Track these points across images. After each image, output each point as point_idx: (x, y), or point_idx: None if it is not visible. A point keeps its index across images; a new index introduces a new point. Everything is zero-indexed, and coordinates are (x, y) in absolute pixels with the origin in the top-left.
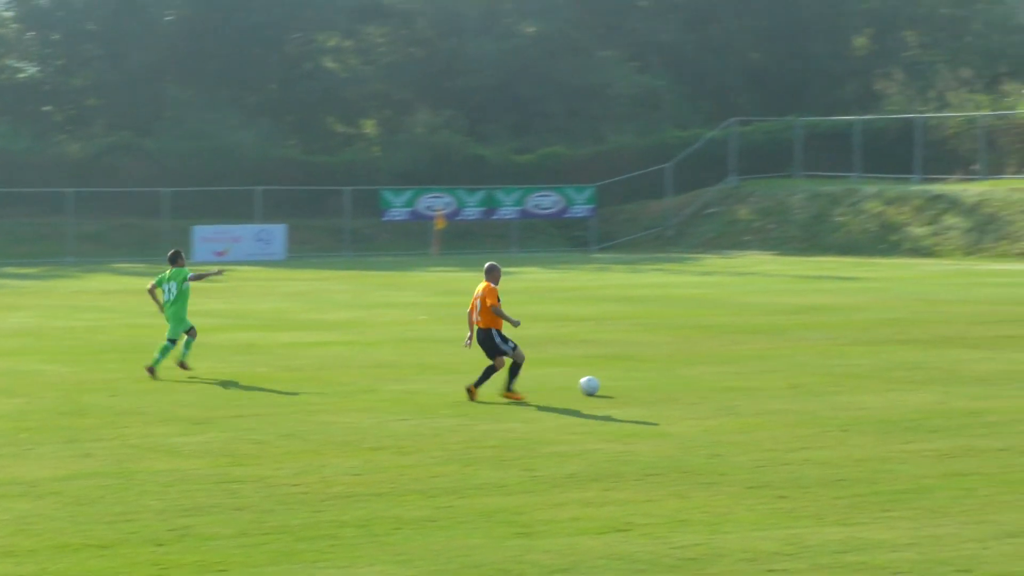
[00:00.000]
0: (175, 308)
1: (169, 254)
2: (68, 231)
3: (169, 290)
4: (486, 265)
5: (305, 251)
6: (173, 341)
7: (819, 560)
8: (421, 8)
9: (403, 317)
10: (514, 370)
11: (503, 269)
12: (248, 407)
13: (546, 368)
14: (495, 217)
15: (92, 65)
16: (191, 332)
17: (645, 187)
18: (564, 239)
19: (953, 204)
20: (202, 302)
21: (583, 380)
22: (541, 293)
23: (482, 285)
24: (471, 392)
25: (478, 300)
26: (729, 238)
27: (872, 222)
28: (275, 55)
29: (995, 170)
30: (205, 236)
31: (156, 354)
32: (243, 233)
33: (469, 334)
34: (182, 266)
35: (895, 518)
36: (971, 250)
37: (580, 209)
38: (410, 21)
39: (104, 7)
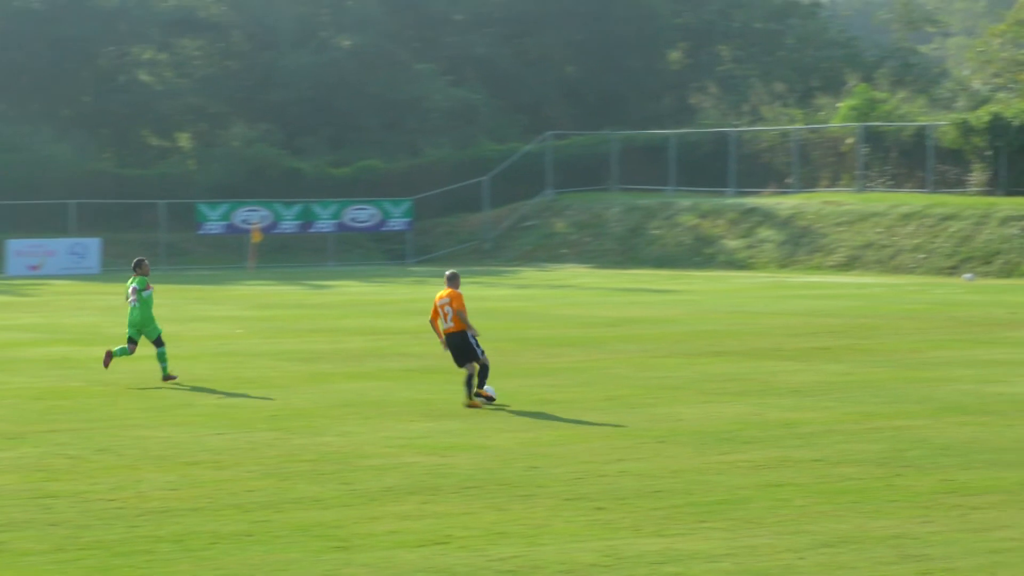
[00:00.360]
0: (139, 313)
1: (134, 261)
2: None
3: (134, 293)
4: (447, 273)
5: (120, 265)
6: (134, 343)
7: (636, 571)
8: (236, 21)
9: (219, 331)
10: (483, 373)
11: (318, 283)
12: (62, 422)
13: (364, 381)
14: (312, 230)
15: None
16: (159, 341)
17: (462, 200)
18: (381, 252)
19: (767, 217)
20: (15, 316)
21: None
22: (358, 306)
23: (445, 291)
24: (474, 405)
25: (447, 307)
26: (546, 251)
27: (687, 235)
28: (89, 68)
29: (808, 183)
30: (19, 250)
31: (162, 364)
32: (57, 247)
33: (441, 339)
34: (145, 274)
35: (711, 529)
36: (785, 262)
37: (397, 222)
38: (225, 34)
39: None
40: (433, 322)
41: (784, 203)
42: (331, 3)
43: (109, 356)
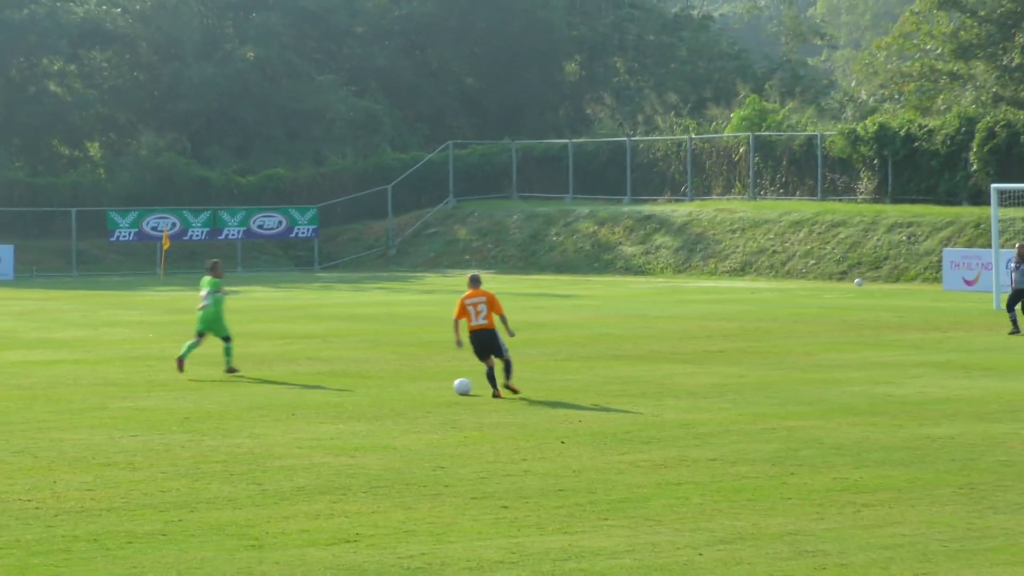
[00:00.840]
0: (212, 311)
1: (208, 264)
2: None
3: (207, 295)
4: (471, 275)
5: (33, 271)
6: (201, 335)
7: (541, 567)
8: (143, 33)
9: (131, 335)
10: (508, 369)
11: (229, 289)
12: None
13: (274, 385)
14: (220, 237)
15: None
16: (227, 338)
17: (367, 208)
18: (288, 259)
19: (663, 224)
20: None
21: (456, 383)
22: (267, 312)
23: (476, 292)
24: (499, 395)
25: (481, 305)
26: (449, 257)
27: (586, 241)
28: None
29: (702, 192)
30: None
31: (183, 348)
32: None
33: (457, 336)
34: (219, 276)
35: (613, 526)
36: (680, 268)
37: (303, 229)
38: (132, 46)
39: None
40: (457, 320)
41: (679, 210)
42: (235, 16)
43: (181, 362)
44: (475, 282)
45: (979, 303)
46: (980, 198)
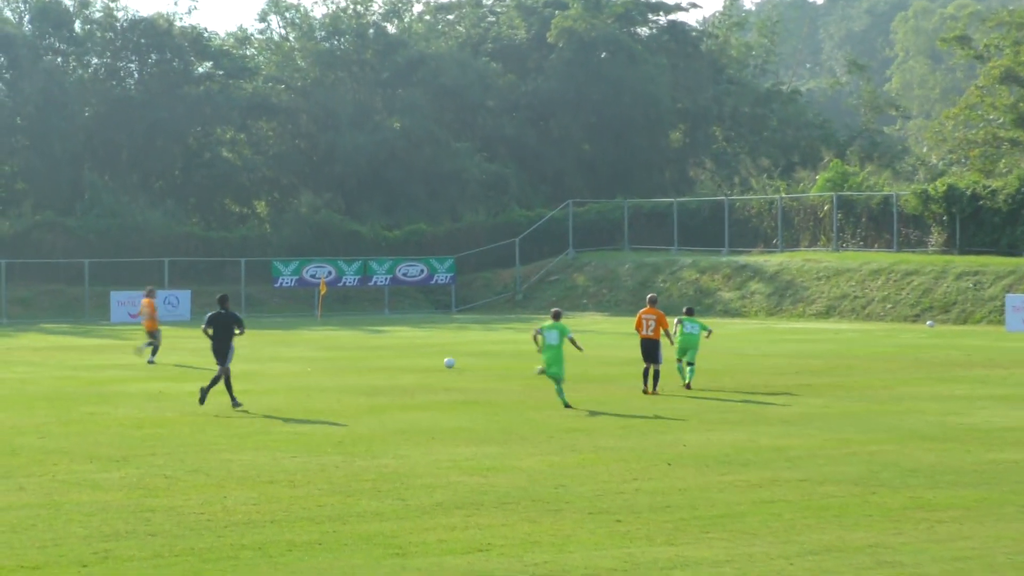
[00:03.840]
0: (554, 352)
1: (552, 312)
2: (1, 296)
3: (550, 337)
4: (649, 296)
5: (205, 312)
6: (556, 380)
7: (650, 574)
8: (303, 106)
9: (292, 369)
10: (657, 376)
11: (376, 328)
12: (159, 446)
13: (416, 412)
14: (370, 284)
15: (20, 154)
16: (558, 380)
17: (497, 258)
18: (429, 303)
19: (756, 272)
20: (118, 357)
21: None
22: (410, 349)
23: (650, 310)
24: (651, 393)
25: (651, 320)
26: (569, 301)
27: (689, 287)
28: (178, 145)
29: (791, 244)
30: (120, 300)
31: (559, 393)
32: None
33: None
34: (562, 322)
35: (713, 539)
36: (772, 311)
37: (442, 277)
38: (294, 117)
39: (30, 103)
40: (637, 328)
41: (771, 260)
42: (383, 91)
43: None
44: (651, 302)
45: None
46: None
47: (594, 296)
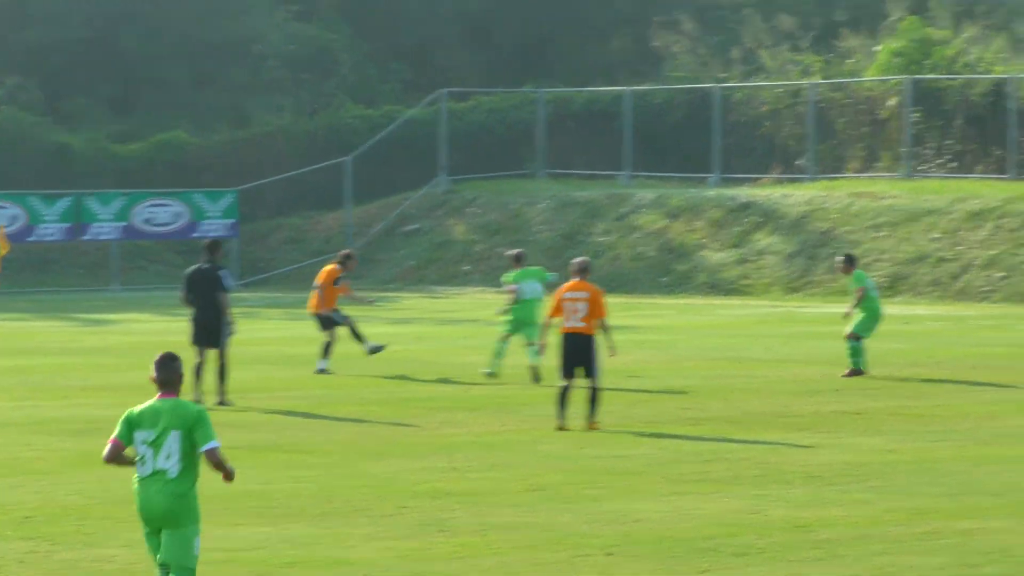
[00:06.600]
0: (534, 307)
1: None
2: None
3: (529, 290)
4: (578, 260)
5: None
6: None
7: None
8: None
9: None
10: (596, 400)
11: (99, 317)
12: None
13: None
14: (86, 237)
15: None
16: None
17: (314, 192)
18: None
19: (769, 216)
20: None
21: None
22: (154, 351)
23: (575, 283)
24: (565, 428)
25: (580, 303)
26: (439, 268)
27: (649, 244)
28: None
29: (831, 167)
30: None
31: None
32: None
33: (541, 343)
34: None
35: None
36: (795, 285)
37: (214, 225)
38: None
39: None
40: (554, 314)
41: (795, 196)
42: None
43: None
44: (580, 271)
45: None
46: None
47: (483, 259)
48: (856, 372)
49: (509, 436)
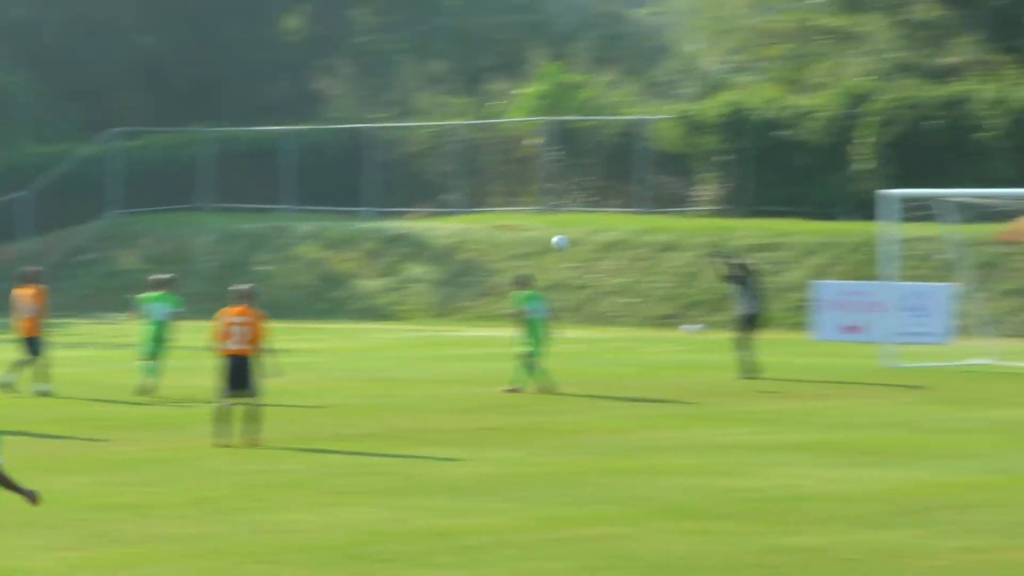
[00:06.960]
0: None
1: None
2: None
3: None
4: (241, 287)
5: None
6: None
7: None
8: None
9: None
10: (256, 417)
11: None
12: None
13: None
14: None
15: None
16: None
17: None
18: None
19: (419, 247)
20: None
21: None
22: None
23: (239, 309)
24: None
25: (242, 328)
26: (109, 295)
27: (308, 273)
28: None
29: (476, 201)
30: None
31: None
32: None
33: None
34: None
35: None
36: (443, 310)
37: None
38: None
39: None
40: (219, 339)
41: (442, 228)
42: None
43: None
44: (245, 297)
45: (864, 358)
46: (869, 210)
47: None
48: (517, 389)
49: (174, 453)
